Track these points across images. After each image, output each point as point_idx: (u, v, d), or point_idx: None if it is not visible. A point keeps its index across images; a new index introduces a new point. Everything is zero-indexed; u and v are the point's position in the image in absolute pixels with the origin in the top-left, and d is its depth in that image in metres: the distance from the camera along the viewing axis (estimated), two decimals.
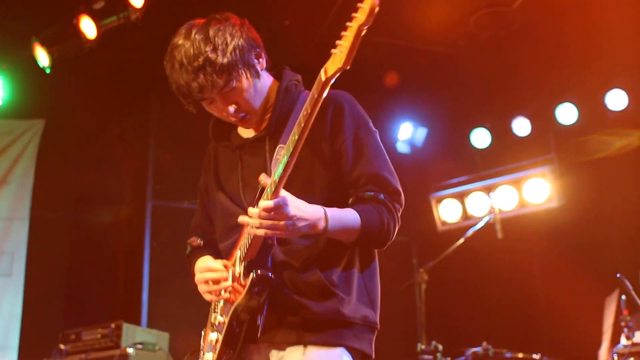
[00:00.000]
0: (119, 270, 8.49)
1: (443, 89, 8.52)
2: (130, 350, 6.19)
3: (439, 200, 8.74)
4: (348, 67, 2.39)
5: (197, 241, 3.17)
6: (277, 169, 2.55)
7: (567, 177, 8.08)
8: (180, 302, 7.59)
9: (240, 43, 2.79)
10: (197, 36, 2.81)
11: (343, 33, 2.39)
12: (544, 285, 8.34)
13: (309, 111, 2.48)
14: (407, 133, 8.78)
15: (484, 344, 6.46)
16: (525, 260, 8.37)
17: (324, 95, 2.47)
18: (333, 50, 2.41)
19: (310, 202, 2.65)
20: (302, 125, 2.49)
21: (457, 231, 8.04)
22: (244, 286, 2.67)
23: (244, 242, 2.72)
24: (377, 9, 2.30)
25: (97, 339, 6.41)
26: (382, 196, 2.79)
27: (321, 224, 2.63)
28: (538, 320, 8.25)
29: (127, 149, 8.66)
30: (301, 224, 2.58)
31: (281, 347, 2.74)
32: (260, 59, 2.88)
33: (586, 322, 7.66)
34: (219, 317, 2.82)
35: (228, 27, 2.82)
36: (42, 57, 7.10)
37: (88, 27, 6.78)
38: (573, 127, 8.02)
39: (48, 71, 7.15)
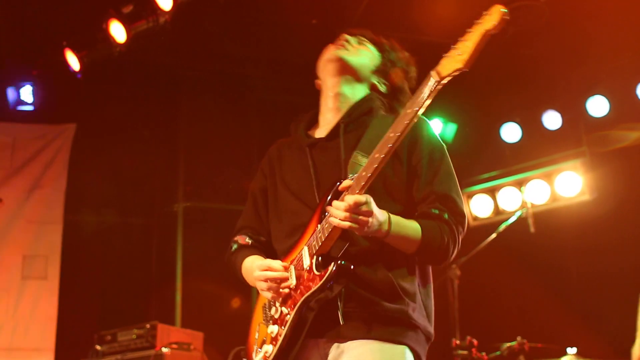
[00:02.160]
0: (152, 272, 8.55)
1: (472, 84, 8.48)
2: (165, 350, 6.23)
3: (470, 196, 8.70)
4: (467, 70, 2.56)
5: (246, 239, 3.19)
6: (366, 168, 2.65)
7: (600, 169, 8.00)
8: (213, 301, 7.64)
9: (396, 63, 3.20)
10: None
11: (461, 38, 2.55)
12: (578, 279, 8.28)
13: (415, 109, 2.64)
14: (437, 129, 8.76)
15: (519, 338, 6.43)
16: (559, 254, 8.30)
17: (432, 94, 2.65)
18: (445, 55, 2.58)
19: (382, 208, 2.74)
20: (406, 122, 2.63)
21: (488, 226, 8.00)
22: (315, 279, 2.70)
23: (316, 236, 2.76)
24: (506, 17, 2.49)
25: (133, 339, 6.46)
26: (446, 216, 2.87)
27: (385, 227, 2.70)
28: (572, 314, 8.19)
29: (158, 151, 8.71)
30: (375, 223, 2.66)
31: (343, 340, 2.77)
32: (384, 84, 3.19)
33: (621, 316, 7.60)
34: (281, 309, 2.84)
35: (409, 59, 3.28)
36: (73, 61, 7.17)
37: (118, 31, 6.84)
38: (604, 119, 7.94)
39: (79, 76, 7.22)
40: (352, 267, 2.69)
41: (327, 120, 3.11)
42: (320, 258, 2.73)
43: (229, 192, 8.16)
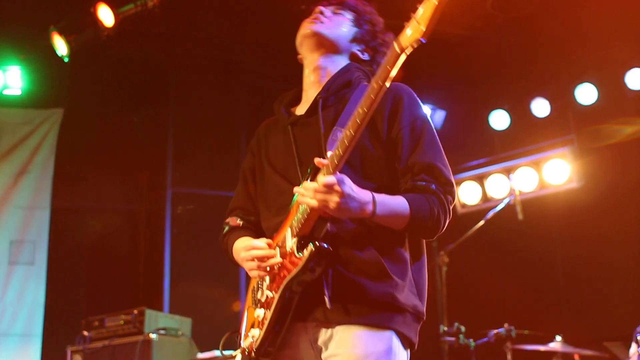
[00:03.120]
0: (140, 257, 8.55)
1: (461, 71, 8.48)
2: (153, 336, 6.22)
3: (459, 183, 8.71)
4: (425, 40, 2.50)
5: (237, 221, 3.16)
6: (338, 147, 2.59)
7: (588, 157, 8.02)
8: (201, 287, 7.64)
9: (374, 28, 3.13)
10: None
11: (419, 6, 2.50)
12: (564, 265, 8.32)
13: (380, 83, 2.56)
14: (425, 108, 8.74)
15: (506, 325, 6.46)
16: (546, 241, 8.34)
17: (394, 68, 2.56)
18: (406, 23, 2.52)
19: (364, 185, 2.68)
20: (372, 96, 2.56)
21: (477, 213, 8.03)
22: (296, 261, 2.68)
23: (297, 217, 2.72)
24: None
25: (120, 325, 6.45)
26: (433, 186, 2.79)
27: (369, 208, 2.64)
28: (559, 301, 8.24)
29: (146, 137, 8.68)
30: (352, 204, 2.59)
31: (330, 325, 2.74)
32: (365, 51, 3.10)
33: (607, 303, 7.65)
34: (267, 293, 2.81)
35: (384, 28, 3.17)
36: (60, 46, 7.13)
37: (106, 15, 6.80)
38: (593, 107, 7.96)
39: (66, 60, 7.18)
40: (330, 248, 2.65)
41: (309, 96, 3.05)
42: (301, 240, 2.69)
43: (218, 177, 8.16)
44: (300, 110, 3.06)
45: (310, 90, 3.06)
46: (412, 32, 2.50)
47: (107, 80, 8.40)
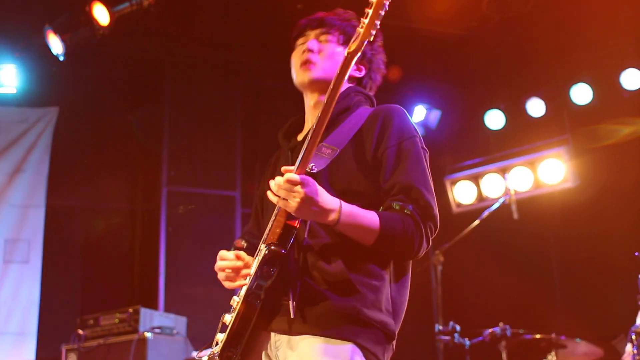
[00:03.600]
0: (135, 256, 8.54)
1: (456, 71, 8.49)
2: (148, 335, 6.23)
3: (454, 182, 8.73)
4: (369, 40, 2.60)
5: (241, 243, 3.18)
6: (305, 147, 2.63)
7: (583, 157, 8.04)
8: (197, 286, 7.64)
9: (376, 46, 3.10)
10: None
11: (366, 9, 2.58)
12: (559, 264, 8.34)
13: (331, 87, 2.63)
14: (421, 115, 8.75)
15: (501, 324, 6.47)
16: (541, 240, 8.36)
17: (347, 73, 2.64)
18: (358, 29, 2.61)
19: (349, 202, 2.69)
20: (326, 101, 2.63)
21: (472, 213, 8.04)
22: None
23: (269, 226, 2.74)
24: None
25: (115, 323, 6.45)
26: (410, 207, 2.74)
27: (332, 215, 2.62)
28: (554, 300, 8.26)
29: (141, 135, 8.68)
30: (313, 207, 2.59)
31: (293, 334, 2.73)
32: (361, 67, 3.10)
33: (601, 301, 7.67)
34: (235, 298, 2.82)
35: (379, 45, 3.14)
36: (56, 44, 7.11)
37: (101, 14, 6.79)
38: (588, 107, 7.98)
39: (61, 59, 7.17)
40: (283, 251, 2.66)
41: (311, 123, 3.04)
42: (266, 247, 2.69)
43: (213, 177, 8.15)
44: (302, 136, 3.09)
45: (313, 118, 3.05)
46: (360, 36, 2.64)
47: (103, 79, 8.39)
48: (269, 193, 2.66)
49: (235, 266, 2.84)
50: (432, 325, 6.89)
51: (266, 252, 2.66)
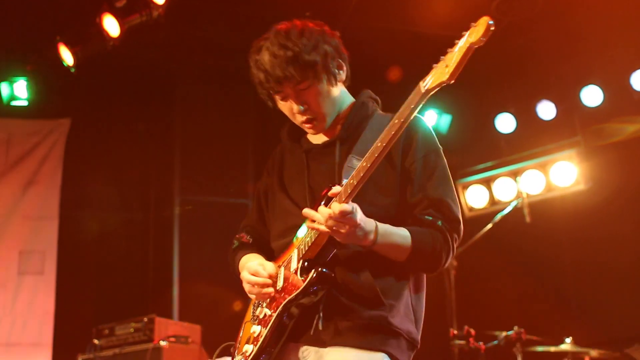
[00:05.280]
0: (149, 265, 8.56)
1: (466, 75, 8.46)
2: (163, 344, 6.24)
3: (466, 187, 8.71)
4: (452, 82, 2.52)
5: (246, 237, 3.21)
6: (353, 176, 2.60)
7: (594, 159, 8.01)
8: (210, 294, 7.65)
9: (327, 48, 2.89)
10: (294, 32, 2.90)
11: (449, 49, 2.53)
12: (573, 267, 8.30)
13: (402, 120, 2.56)
14: (432, 120, 8.75)
15: (516, 328, 6.46)
16: (554, 243, 8.32)
17: (420, 106, 2.58)
18: (435, 65, 2.54)
19: (370, 213, 2.70)
20: (393, 132, 2.56)
21: (484, 217, 8.02)
22: (298, 283, 2.71)
23: (304, 240, 2.76)
24: (492, 29, 2.45)
25: (130, 333, 6.47)
26: (440, 222, 2.80)
27: (370, 237, 2.65)
28: (568, 303, 8.22)
29: (154, 145, 8.71)
30: (358, 232, 2.62)
31: (322, 346, 2.75)
32: (341, 71, 2.96)
33: (616, 304, 7.63)
34: (265, 311, 2.84)
35: (322, 32, 2.93)
36: (67, 56, 7.17)
37: (111, 26, 6.83)
38: (598, 109, 7.95)
39: (73, 70, 7.22)
40: (333, 274, 2.68)
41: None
42: (306, 263, 2.72)
43: (226, 185, 8.17)
44: (316, 139, 3.06)
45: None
46: (440, 74, 2.54)
47: (114, 90, 8.43)
48: (312, 224, 2.64)
49: (265, 283, 2.85)
50: (447, 329, 6.88)
51: (314, 274, 2.67)
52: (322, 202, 2.70)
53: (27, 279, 8.03)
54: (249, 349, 2.84)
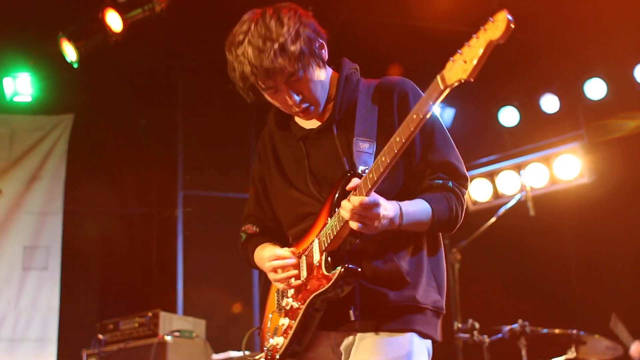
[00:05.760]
0: (153, 260, 8.57)
1: None
2: (168, 338, 6.26)
3: (469, 180, 8.70)
4: (472, 80, 2.43)
5: (253, 228, 3.18)
6: (372, 171, 2.57)
7: (598, 152, 8.01)
8: (214, 288, 7.66)
9: (308, 33, 2.81)
10: (272, 21, 2.82)
11: (467, 43, 2.42)
12: (577, 260, 8.30)
13: (420, 116, 2.49)
14: (435, 114, 8.72)
15: (520, 321, 6.45)
16: (558, 236, 8.32)
17: (438, 102, 2.48)
18: (452, 58, 2.43)
19: (388, 190, 2.71)
20: (412, 128, 2.50)
21: (488, 210, 8.02)
22: (323, 277, 2.70)
23: (326, 232, 2.73)
24: (512, 26, 2.37)
25: (135, 327, 6.49)
26: (450, 183, 2.86)
27: (397, 221, 2.67)
28: (572, 296, 8.22)
29: (156, 140, 8.72)
30: (384, 221, 2.62)
31: (353, 333, 2.77)
32: (323, 50, 2.90)
33: (618, 297, 7.63)
34: (292, 303, 2.84)
35: (298, 16, 2.83)
36: (70, 52, 7.17)
37: (114, 21, 6.83)
38: (602, 102, 7.94)
39: (75, 66, 7.22)
40: (359, 269, 2.68)
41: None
42: (329, 257, 2.71)
43: (229, 179, 8.18)
44: (309, 124, 3.02)
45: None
46: (458, 70, 2.44)
47: (117, 85, 8.43)
48: (343, 214, 2.61)
49: (293, 263, 2.84)
50: (450, 323, 6.88)
51: (342, 270, 2.66)
52: (338, 192, 2.72)
53: (31, 274, 8.04)
54: (279, 341, 2.85)
